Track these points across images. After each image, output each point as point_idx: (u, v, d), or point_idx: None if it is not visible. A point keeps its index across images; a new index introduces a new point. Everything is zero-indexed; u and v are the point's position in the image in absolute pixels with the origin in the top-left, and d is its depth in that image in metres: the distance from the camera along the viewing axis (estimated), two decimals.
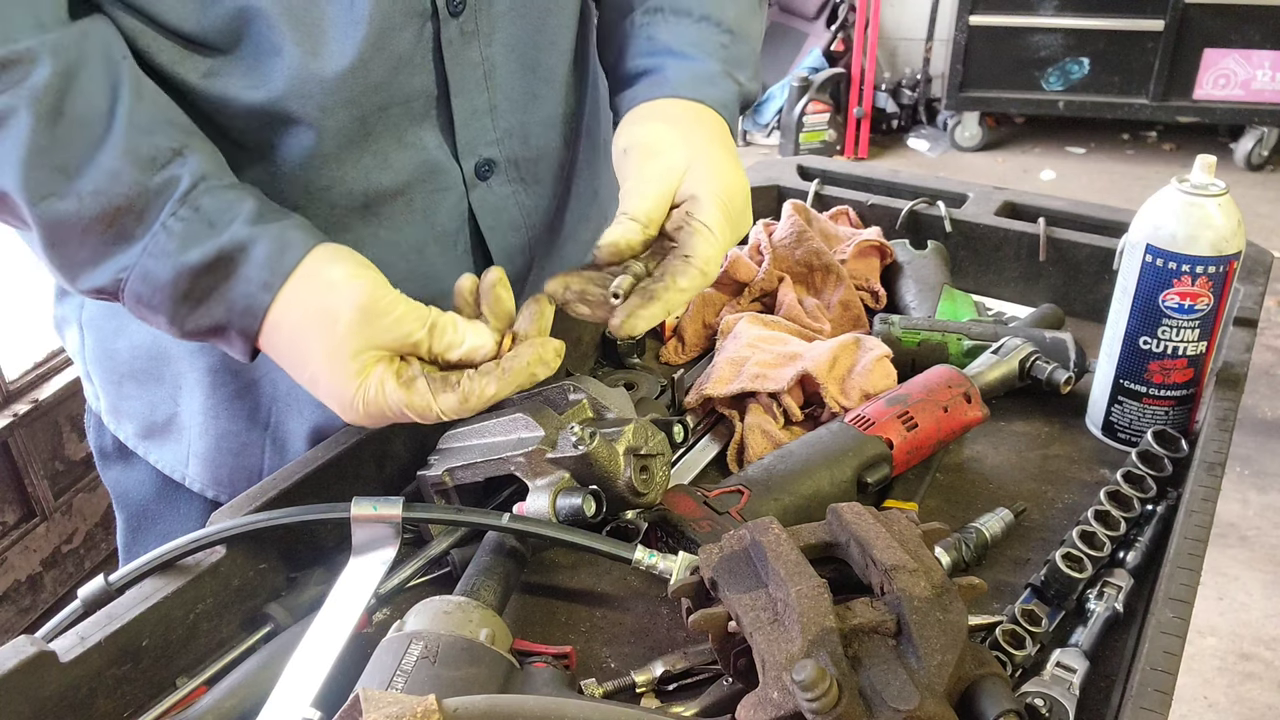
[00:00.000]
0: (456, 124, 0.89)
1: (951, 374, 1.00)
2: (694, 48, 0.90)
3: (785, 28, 5.64)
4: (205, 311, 0.75)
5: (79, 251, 0.73)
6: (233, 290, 0.74)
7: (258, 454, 0.97)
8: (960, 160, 5.15)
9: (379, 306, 0.75)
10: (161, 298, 0.74)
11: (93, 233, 0.72)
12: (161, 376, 0.96)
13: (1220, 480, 0.86)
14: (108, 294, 0.75)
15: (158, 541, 1.06)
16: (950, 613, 0.63)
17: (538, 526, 0.79)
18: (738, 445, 1.01)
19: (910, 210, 1.36)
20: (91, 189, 0.71)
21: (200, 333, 0.77)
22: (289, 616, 0.79)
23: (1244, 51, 4.66)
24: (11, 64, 0.69)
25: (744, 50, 0.93)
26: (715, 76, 0.89)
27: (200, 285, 0.74)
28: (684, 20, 0.91)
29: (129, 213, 0.72)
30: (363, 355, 0.74)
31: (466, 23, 0.86)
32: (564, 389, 0.91)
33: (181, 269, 0.73)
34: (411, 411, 0.75)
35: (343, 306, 0.74)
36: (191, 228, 0.73)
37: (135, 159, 0.72)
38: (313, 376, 0.76)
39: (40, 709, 0.66)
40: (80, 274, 0.75)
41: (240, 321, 0.75)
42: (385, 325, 0.74)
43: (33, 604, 2.37)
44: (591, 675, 0.76)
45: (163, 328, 0.77)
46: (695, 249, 0.79)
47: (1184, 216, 0.94)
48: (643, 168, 0.81)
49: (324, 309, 0.74)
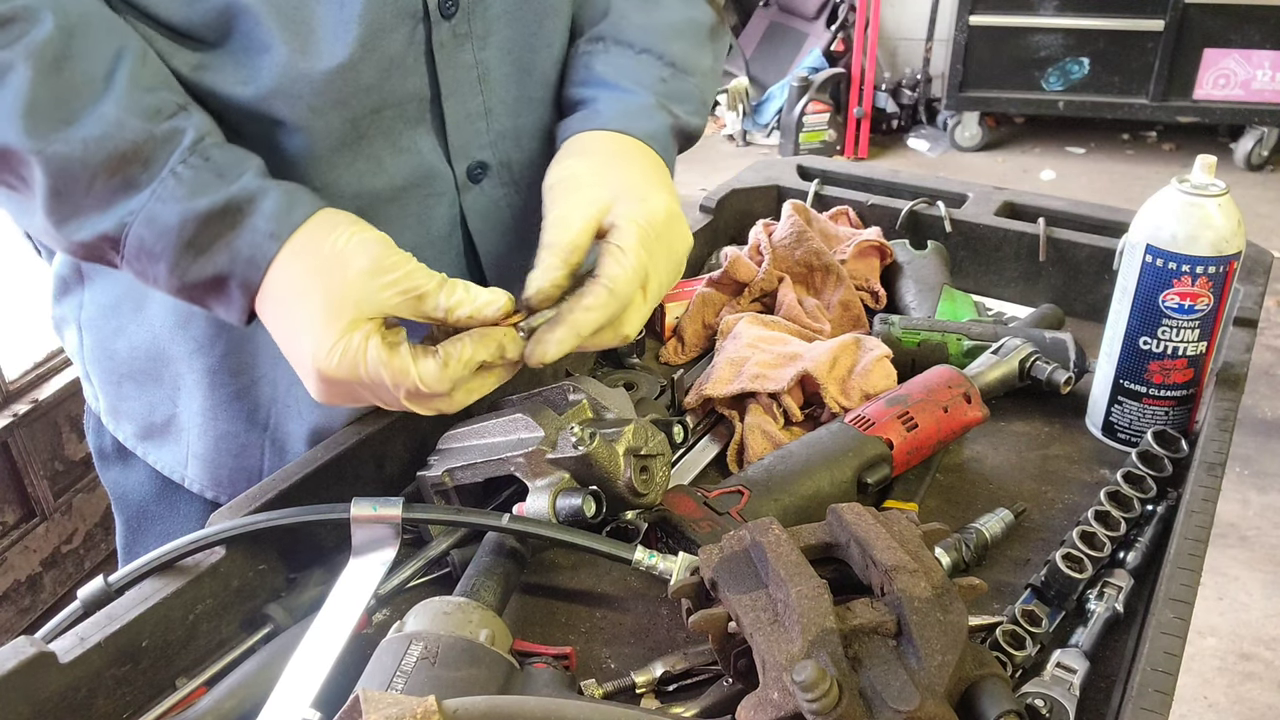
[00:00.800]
0: (449, 127, 0.90)
1: (951, 374, 1.00)
2: (630, 80, 0.91)
3: (785, 28, 5.64)
4: (208, 260, 0.74)
5: (84, 199, 0.73)
6: (239, 239, 0.74)
7: (257, 455, 0.96)
8: (960, 160, 5.15)
9: (390, 261, 0.75)
10: (165, 244, 0.73)
11: (98, 179, 0.72)
12: (160, 377, 0.96)
13: (1220, 480, 0.86)
14: (108, 244, 0.74)
15: (157, 542, 1.05)
16: (950, 613, 0.63)
17: (538, 527, 0.79)
18: (738, 446, 1.01)
19: (910, 210, 1.36)
20: (96, 135, 0.71)
21: (199, 285, 0.76)
22: (289, 617, 0.79)
23: (1244, 51, 4.66)
24: (11, 20, 0.69)
25: (686, 85, 0.94)
26: (648, 109, 0.90)
27: (206, 233, 0.73)
28: (625, 53, 0.92)
29: (135, 160, 0.72)
30: (363, 308, 0.74)
31: (459, 25, 0.86)
32: (564, 389, 0.91)
33: (189, 214, 0.73)
34: (388, 371, 0.74)
35: (354, 256, 0.75)
36: (201, 176, 0.73)
37: (138, 110, 0.72)
38: (301, 326, 0.75)
39: (40, 710, 0.66)
40: (84, 222, 0.74)
41: (243, 272, 0.75)
42: (395, 279, 0.75)
43: (32, 604, 2.37)
44: (591, 676, 0.76)
45: (160, 280, 0.76)
46: (604, 268, 0.80)
47: (1184, 216, 0.94)
48: (565, 200, 0.83)
49: (334, 256, 0.75)
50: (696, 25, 0.96)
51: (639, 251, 0.80)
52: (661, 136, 0.90)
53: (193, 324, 0.92)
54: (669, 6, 0.95)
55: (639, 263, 0.80)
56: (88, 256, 0.77)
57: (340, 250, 0.75)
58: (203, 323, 0.91)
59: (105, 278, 0.94)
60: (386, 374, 0.74)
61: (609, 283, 0.79)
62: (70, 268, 0.96)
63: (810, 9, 5.51)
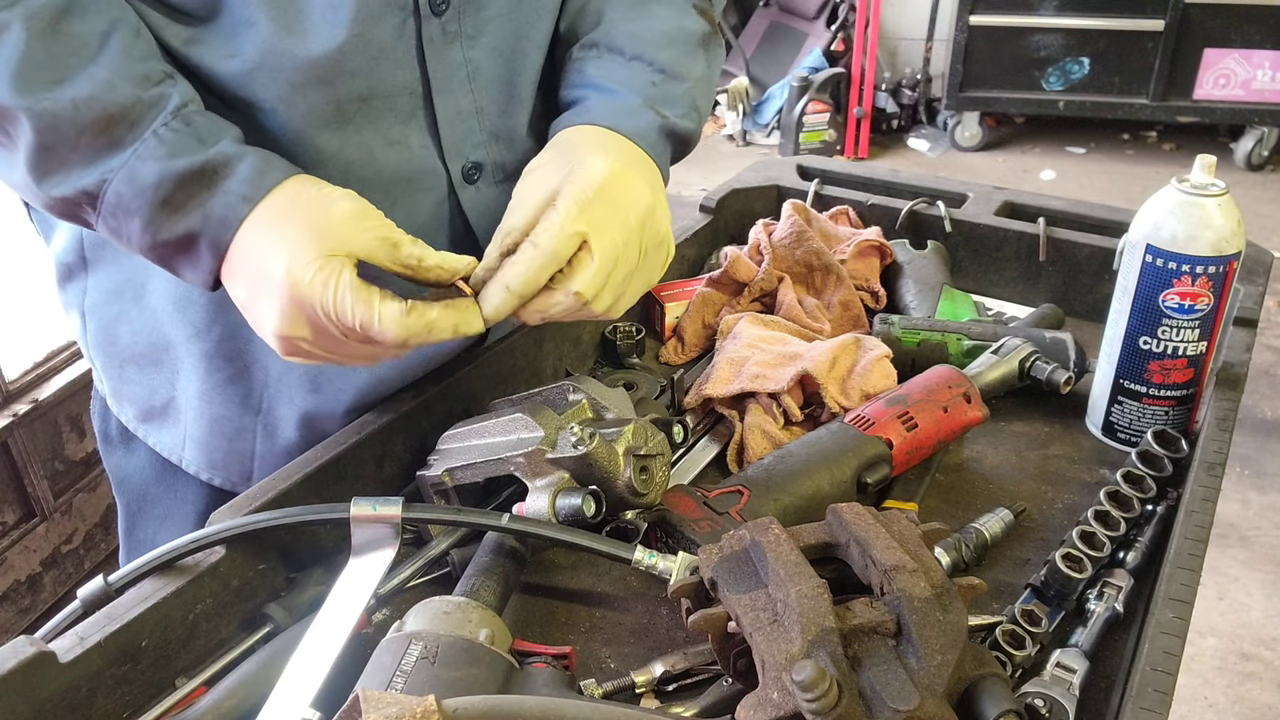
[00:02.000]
0: (440, 124, 0.90)
1: (951, 374, 1.00)
2: (619, 84, 0.92)
3: (785, 28, 5.64)
4: (181, 220, 0.76)
5: (69, 155, 0.74)
6: (213, 200, 0.76)
7: (250, 438, 0.98)
8: (960, 160, 5.15)
9: (369, 209, 0.78)
10: (141, 202, 0.75)
11: (85, 138, 0.74)
12: (160, 361, 0.98)
13: (1220, 480, 0.86)
14: (86, 200, 0.76)
15: (156, 525, 1.07)
16: (950, 613, 0.63)
17: (537, 527, 0.79)
18: (737, 445, 1.01)
19: (910, 210, 1.36)
20: (86, 95, 0.73)
21: (170, 244, 0.77)
22: (288, 617, 0.79)
23: (1244, 51, 4.66)
24: None
25: (676, 89, 0.94)
26: (635, 109, 0.91)
27: (182, 193, 0.75)
28: (616, 59, 0.93)
29: (122, 122, 0.74)
30: (344, 243, 0.75)
31: (449, 23, 0.87)
32: (563, 389, 0.91)
33: (167, 174, 0.74)
34: (355, 301, 0.74)
35: (337, 201, 0.77)
36: (182, 139, 0.75)
37: (129, 76, 0.75)
38: (279, 252, 0.75)
39: (39, 709, 0.66)
40: (66, 177, 0.75)
41: (214, 231, 0.76)
42: (374, 225, 0.77)
43: (32, 604, 2.37)
44: (591, 675, 0.76)
45: (133, 237, 0.77)
46: (535, 228, 0.81)
47: (1184, 216, 0.94)
48: (522, 185, 0.84)
49: (317, 200, 0.77)
50: (687, 33, 0.96)
51: (570, 210, 0.80)
52: (649, 134, 0.90)
53: (190, 309, 0.93)
54: (660, 16, 0.96)
55: (566, 219, 0.80)
56: (63, 212, 0.79)
57: (322, 196, 0.77)
58: (200, 309, 0.93)
59: (108, 264, 0.96)
60: (352, 304, 0.74)
61: (533, 238, 0.80)
62: (74, 254, 0.97)
63: (810, 9, 5.51)
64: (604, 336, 1.19)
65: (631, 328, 1.18)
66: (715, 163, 5.25)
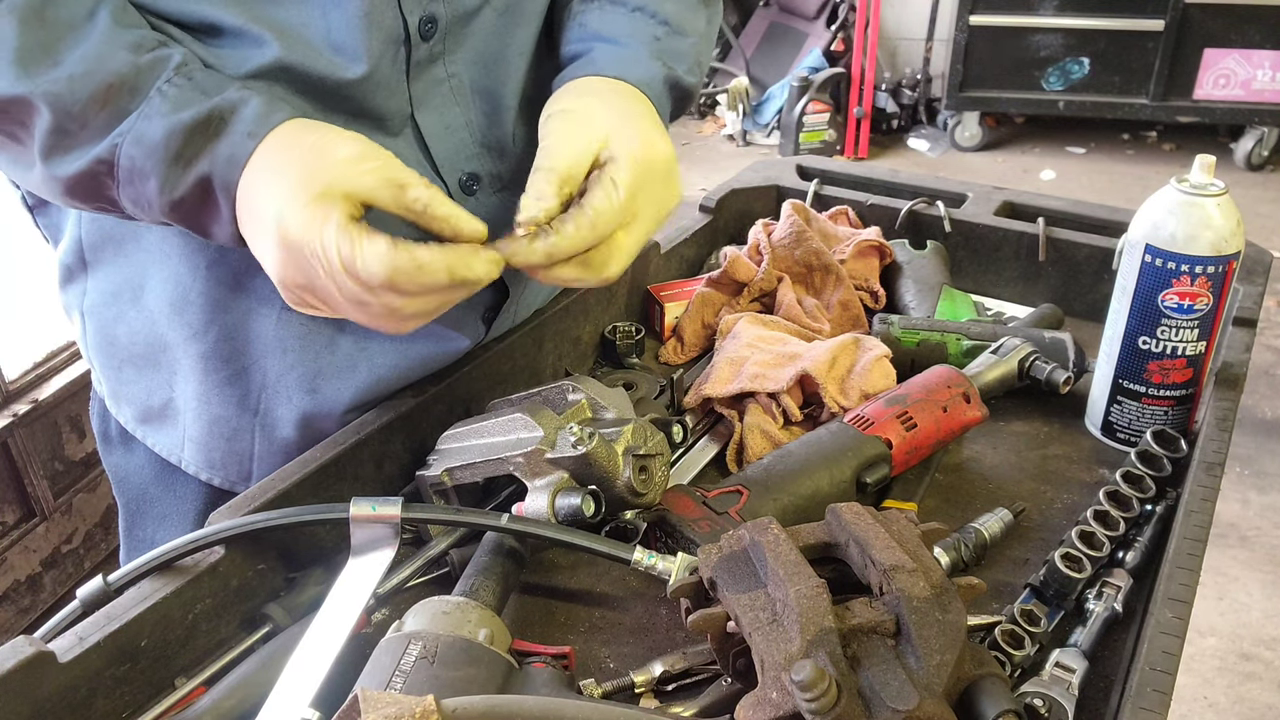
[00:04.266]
0: (427, 139, 0.91)
1: (951, 374, 1.00)
2: (624, 35, 0.91)
3: (785, 28, 5.65)
4: (193, 171, 0.75)
5: (80, 133, 0.74)
6: (220, 144, 0.75)
7: (248, 439, 0.98)
8: (960, 160, 5.15)
9: (374, 150, 0.76)
10: (154, 161, 0.74)
11: (90, 112, 0.73)
12: (158, 363, 0.98)
13: (1219, 480, 0.86)
14: (104, 170, 0.75)
15: (156, 524, 1.07)
16: (949, 613, 0.63)
17: (537, 527, 0.79)
18: (737, 445, 1.01)
19: (910, 210, 1.36)
20: (82, 71, 0.73)
21: (187, 200, 0.76)
22: (288, 617, 0.79)
23: (1244, 51, 4.66)
24: None
25: (681, 44, 0.94)
26: (641, 59, 0.90)
27: (191, 145, 0.74)
28: (618, 10, 0.93)
29: (123, 90, 0.74)
30: (340, 185, 0.73)
31: (435, 45, 0.88)
32: (563, 389, 0.91)
33: (175, 127, 0.74)
34: (334, 248, 0.72)
35: (338, 144, 0.75)
36: (185, 93, 0.75)
37: (122, 44, 0.74)
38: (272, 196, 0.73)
39: (39, 709, 0.66)
40: (79, 154, 0.75)
41: (223, 172, 0.75)
42: (378, 166, 0.74)
43: (32, 604, 2.37)
44: (590, 675, 0.76)
45: (153, 202, 0.76)
46: (592, 198, 0.79)
47: (1183, 216, 0.94)
48: (564, 129, 0.82)
49: (317, 145, 0.75)
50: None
51: (631, 189, 0.79)
52: (656, 85, 0.90)
53: (187, 311, 0.93)
54: None
55: (629, 200, 0.79)
56: (87, 192, 0.78)
57: (323, 139, 0.75)
58: (197, 310, 0.93)
59: (106, 266, 0.96)
60: (336, 242, 0.72)
61: (593, 214, 0.78)
62: (74, 256, 0.97)
63: (810, 9, 5.51)
64: (604, 336, 1.19)
65: (631, 328, 1.18)
66: (715, 163, 5.25)
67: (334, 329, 0.94)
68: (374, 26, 0.82)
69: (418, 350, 0.96)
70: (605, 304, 1.19)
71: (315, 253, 0.72)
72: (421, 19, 0.85)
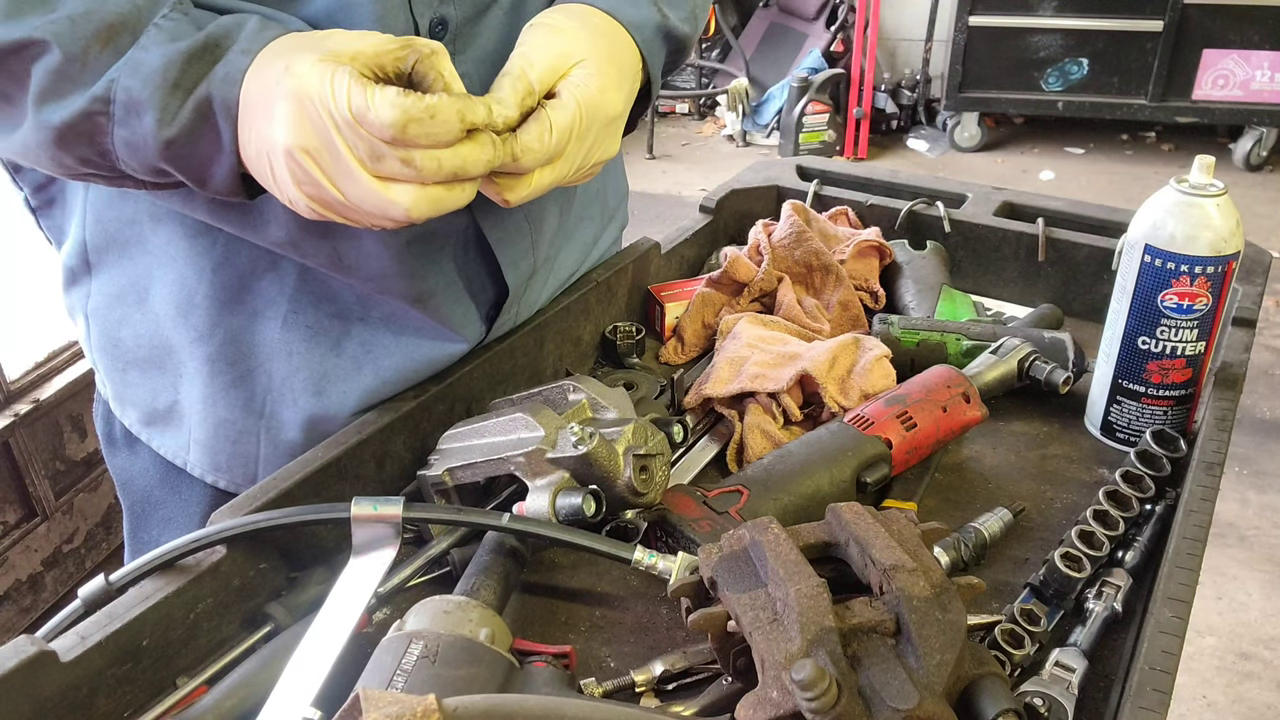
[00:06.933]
0: None
1: (950, 374, 1.00)
2: None
3: (785, 28, 5.65)
4: (192, 98, 0.73)
5: (81, 73, 0.73)
6: (217, 68, 0.74)
7: (254, 442, 0.98)
8: (959, 160, 5.15)
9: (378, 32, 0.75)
10: (150, 89, 0.73)
11: (91, 51, 0.72)
12: (163, 365, 0.98)
13: (1219, 480, 0.87)
14: (99, 108, 0.73)
15: (161, 526, 1.06)
16: (949, 612, 0.63)
17: (538, 526, 0.79)
18: (737, 445, 1.01)
19: (909, 210, 1.36)
20: (82, 10, 0.72)
21: (184, 135, 0.74)
22: (289, 616, 0.79)
23: (1243, 52, 4.66)
24: None
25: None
26: (637, 1, 0.89)
27: (190, 73, 0.73)
28: None
29: (124, 30, 0.73)
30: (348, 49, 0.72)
31: (446, 46, 0.87)
32: (564, 389, 0.91)
33: (172, 55, 0.72)
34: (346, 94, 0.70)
35: (341, 31, 0.75)
36: (181, 26, 0.74)
37: None
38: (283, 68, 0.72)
39: (40, 709, 0.67)
40: (74, 96, 0.73)
41: (221, 91, 0.73)
42: (386, 39, 0.73)
43: (33, 604, 2.37)
44: (591, 674, 0.76)
45: (149, 139, 0.74)
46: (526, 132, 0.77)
47: (1183, 217, 0.94)
48: (544, 42, 0.81)
49: (318, 34, 0.74)
50: None
51: (564, 135, 0.79)
52: (647, 29, 0.89)
53: (193, 314, 0.93)
54: None
55: (558, 146, 0.79)
56: (78, 141, 0.75)
57: (324, 32, 0.75)
58: (202, 313, 0.93)
59: (111, 268, 0.96)
60: (349, 89, 0.70)
61: (520, 149, 0.77)
62: (78, 258, 0.97)
63: (810, 9, 5.51)
64: (604, 336, 1.19)
65: (632, 328, 1.18)
66: (715, 163, 5.25)
67: (339, 331, 0.94)
68: (386, 30, 0.81)
69: (423, 351, 0.96)
70: (606, 304, 1.19)
71: (326, 102, 0.70)
72: (432, 20, 0.85)
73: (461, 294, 0.97)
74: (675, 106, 5.98)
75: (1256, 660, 2.37)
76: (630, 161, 5.10)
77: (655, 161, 5.30)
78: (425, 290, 0.93)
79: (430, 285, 0.93)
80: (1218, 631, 2.44)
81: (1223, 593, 2.55)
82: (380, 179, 0.72)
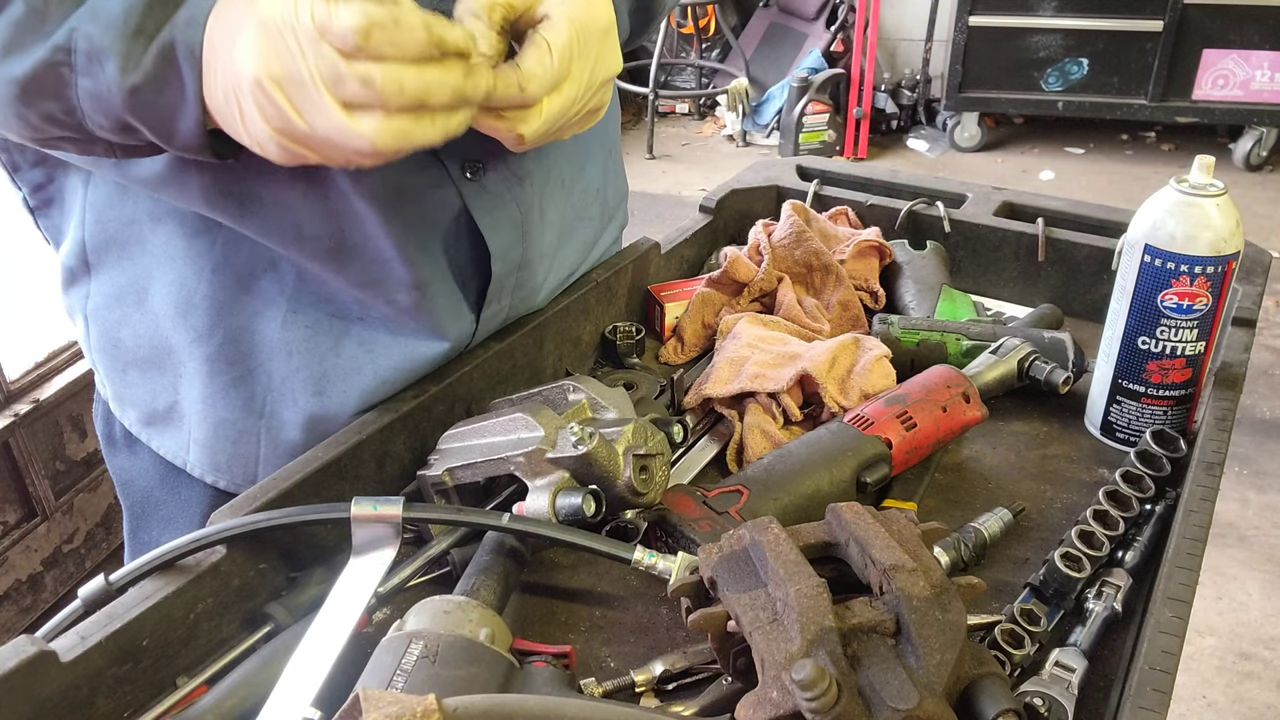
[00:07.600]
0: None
1: (950, 374, 1.00)
2: None
3: (785, 28, 5.65)
4: (155, 43, 0.72)
5: (41, 26, 0.71)
6: (180, 12, 0.72)
7: (254, 441, 0.98)
8: (959, 160, 5.16)
9: None
10: (112, 36, 0.71)
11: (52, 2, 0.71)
12: (163, 366, 0.98)
13: (1219, 480, 0.87)
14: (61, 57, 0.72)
15: (161, 527, 1.06)
16: (949, 612, 0.63)
17: (538, 526, 0.79)
18: (737, 445, 1.01)
19: (909, 210, 1.36)
20: None
21: (149, 83, 0.72)
22: (289, 616, 0.79)
23: (1243, 52, 4.66)
24: None
25: None
26: None
27: (152, 17, 0.71)
28: None
29: None
30: None
31: None
32: (563, 389, 0.91)
33: (133, 0, 0.71)
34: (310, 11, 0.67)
35: None
36: None
37: None
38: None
39: (40, 709, 0.67)
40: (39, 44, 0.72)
41: (184, 34, 0.72)
42: None
43: (33, 604, 2.37)
44: (591, 674, 0.76)
45: (113, 87, 0.73)
46: (525, 59, 0.75)
47: (1182, 217, 0.94)
48: None
49: None
50: None
51: (565, 54, 0.76)
52: None
53: (192, 314, 0.93)
54: None
55: (561, 67, 0.76)
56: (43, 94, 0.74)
57: None
58: (201, 313, 0.93)
59: (110, 269, 0.96)
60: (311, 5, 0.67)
61: (525, 80, 0.75)
62: (77, 259, 0.97)
63: (810, 9, 5.51)
64: (604, 336, 1.19)
65: (632, 328, 1.18)
66: (715, 163, 5.25)
67: (339, 331, 0.94)
68: None
69: (421, 350, 0.96)
70: (606, 304, 1.19)
71: (289, 20, 0.68)
72: None
73: (453, 285, 0.97)
74: (675, 106, 5.99)
75: (1256, 660, 2.37)
76: (630, 161, 5.10)
77: (655, 161, 5.31)
78: (422, 278, 0.92)
79: (427, 273, 0.93)
80: (1218, 631, 2.44)
81: (1223, 593, 2.55)
82: (346, 109, 0.69)
